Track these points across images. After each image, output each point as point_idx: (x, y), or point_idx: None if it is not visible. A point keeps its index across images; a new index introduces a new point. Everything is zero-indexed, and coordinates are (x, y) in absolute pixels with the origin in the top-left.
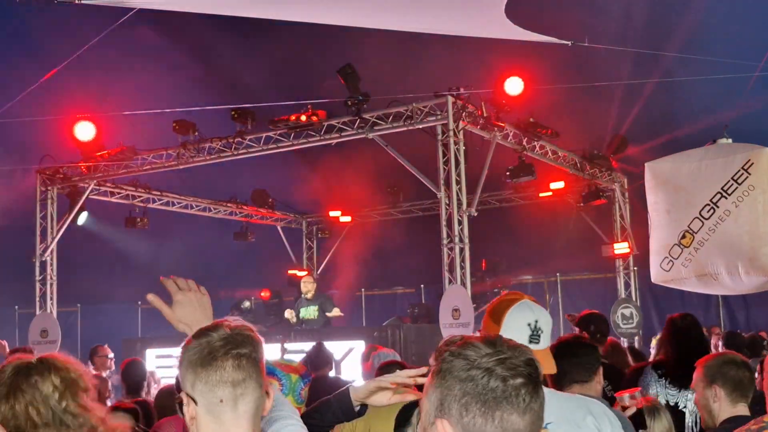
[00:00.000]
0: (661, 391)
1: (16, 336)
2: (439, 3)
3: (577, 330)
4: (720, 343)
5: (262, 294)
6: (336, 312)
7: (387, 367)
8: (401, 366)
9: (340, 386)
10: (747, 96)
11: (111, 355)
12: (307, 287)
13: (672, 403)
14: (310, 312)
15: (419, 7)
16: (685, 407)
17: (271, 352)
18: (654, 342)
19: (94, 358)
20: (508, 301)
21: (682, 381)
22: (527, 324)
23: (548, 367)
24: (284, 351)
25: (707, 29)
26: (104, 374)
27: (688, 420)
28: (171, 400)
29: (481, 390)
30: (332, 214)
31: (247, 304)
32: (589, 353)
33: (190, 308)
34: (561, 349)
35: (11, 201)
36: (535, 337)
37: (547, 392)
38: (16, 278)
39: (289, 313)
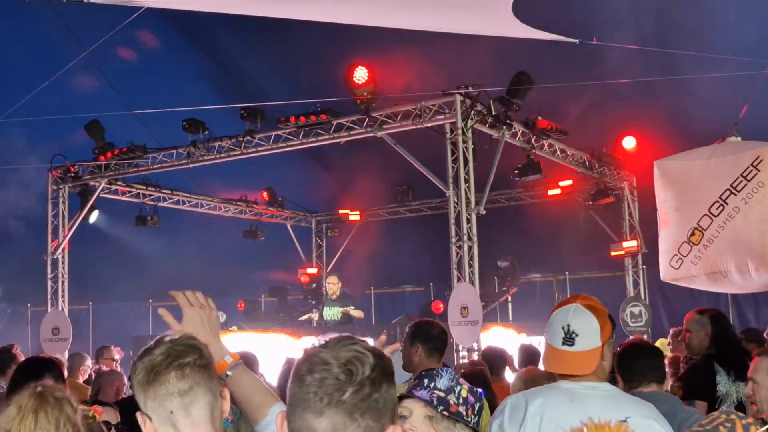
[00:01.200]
0: (732, 388)
1: (29, 333)
2: (447, 1)
3: None
4: None
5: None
6: (357, 312)
7: None
8: None
9: None
10: (757, 93)
11: (117, 356)
12: (333, 289)
13: (738, 400)
14: (333, 313)
15: (427, 6)
16: (742, 400)
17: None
18: (662, 341)
19: (100, 359)
20: (560, 304)
21: (741, 374)
22: (561, 327)
23: (583, 368)
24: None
25: (717, 26)
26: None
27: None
28: None
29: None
30: (342, 212)
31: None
32: (660, 355)
33: (197, 324)
34: (636, 352)
35: (23, 200)
36: (568, 339)
37: (621, 393)
38: (28, 276)
39: (315, 316)
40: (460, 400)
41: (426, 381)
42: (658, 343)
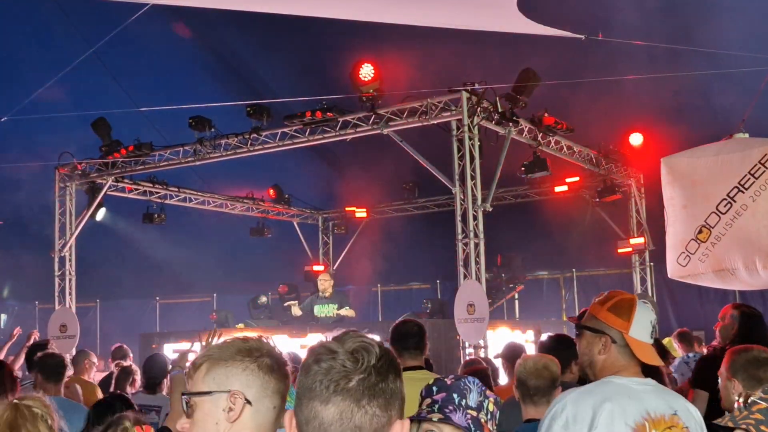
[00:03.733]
0: None
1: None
2: None
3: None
4: None
5: (280, 289)
6: (349, 312)
7: None
8: None
9: None
10: (765, 90)
11: (95, 359)
12: (324, 285)
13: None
14: (328, 310)
15: (433, 2)
16: None
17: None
18: (668, 340)
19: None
20: (628, 299)
21: None
22: (650, 321)
23: (658, 359)
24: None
25: (725, 22)
26: (90, 377)
27: None
28: None
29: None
30: (348, 209)
31: (263, 299)
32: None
33: None
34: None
35: (31, 197)
36: (653, 333)
37: (663, 388)
38: (36, 274)
39: (295, 309)
40: (489, 416)
41: (456, 397)
42: (665, 342)
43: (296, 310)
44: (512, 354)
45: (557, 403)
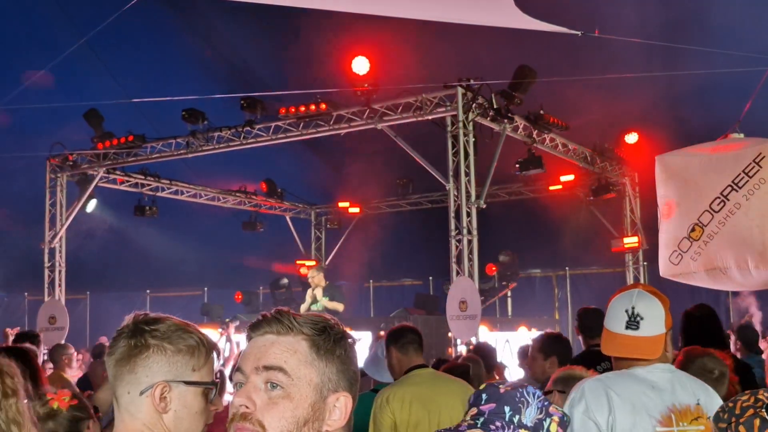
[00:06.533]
0: None
1: (26, 322)
2: None
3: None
4: (733, 337)
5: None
6: (336, 305)
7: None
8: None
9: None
10: (761, 90)
11: (71, 351)
12: (315, 282)
13: None
14: (319, 304)
15: None
16: None
17: None
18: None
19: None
20: (621, 289)
21: None
22: (624, 311)
23: (650, 352)
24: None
25: (721, 21)
26: (69, 373)
27: None
28: None
29: None
30: (341, 204)
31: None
32: None
33: None
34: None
35: (21, 188)
36: (632, 323)
37: (681, 372)
38: (25, 265)
39: (304, 306)
40: None
41: (508, 411)
42: None
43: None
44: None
45: (575, 391)
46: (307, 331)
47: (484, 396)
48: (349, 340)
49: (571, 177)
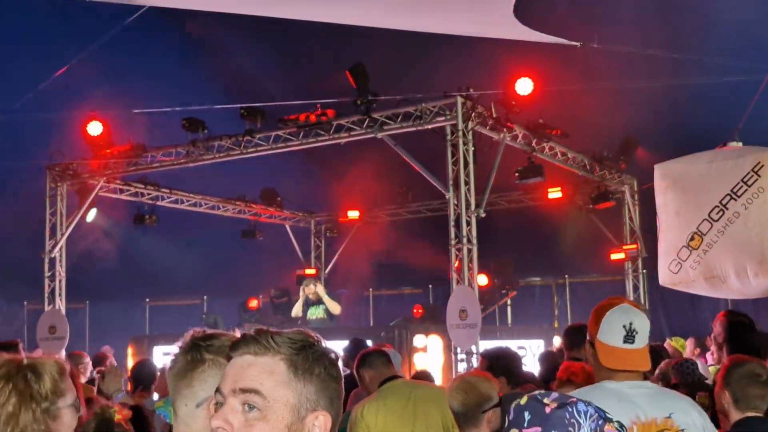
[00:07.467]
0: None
1: (25, 332)
2: (448, 4)
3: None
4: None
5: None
6: (334, 306)
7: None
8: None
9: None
10: (759, 99)
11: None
12: (311, 290)
13: None
14: (318, 311)
15: (429, 8)
16: None
17: None
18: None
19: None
20: (609, 305)
21: None
22: (622, 326)
23: (644, 364)
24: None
25: (719, 31)
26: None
27: None
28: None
29: None
30: (341, 213)
31: (254, 303)
32: None
33: None
34: None
35: (21, 197)
36: (629, 337)
37: (662, 390)
38: (25, 274)
39: (296, 308)
40: None
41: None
42: (677, 344)
43: (297, 310)
44: None
45: None
46: (285, 351)
47: (526, 415)
48: (331, 356)
49: (570, 185)
